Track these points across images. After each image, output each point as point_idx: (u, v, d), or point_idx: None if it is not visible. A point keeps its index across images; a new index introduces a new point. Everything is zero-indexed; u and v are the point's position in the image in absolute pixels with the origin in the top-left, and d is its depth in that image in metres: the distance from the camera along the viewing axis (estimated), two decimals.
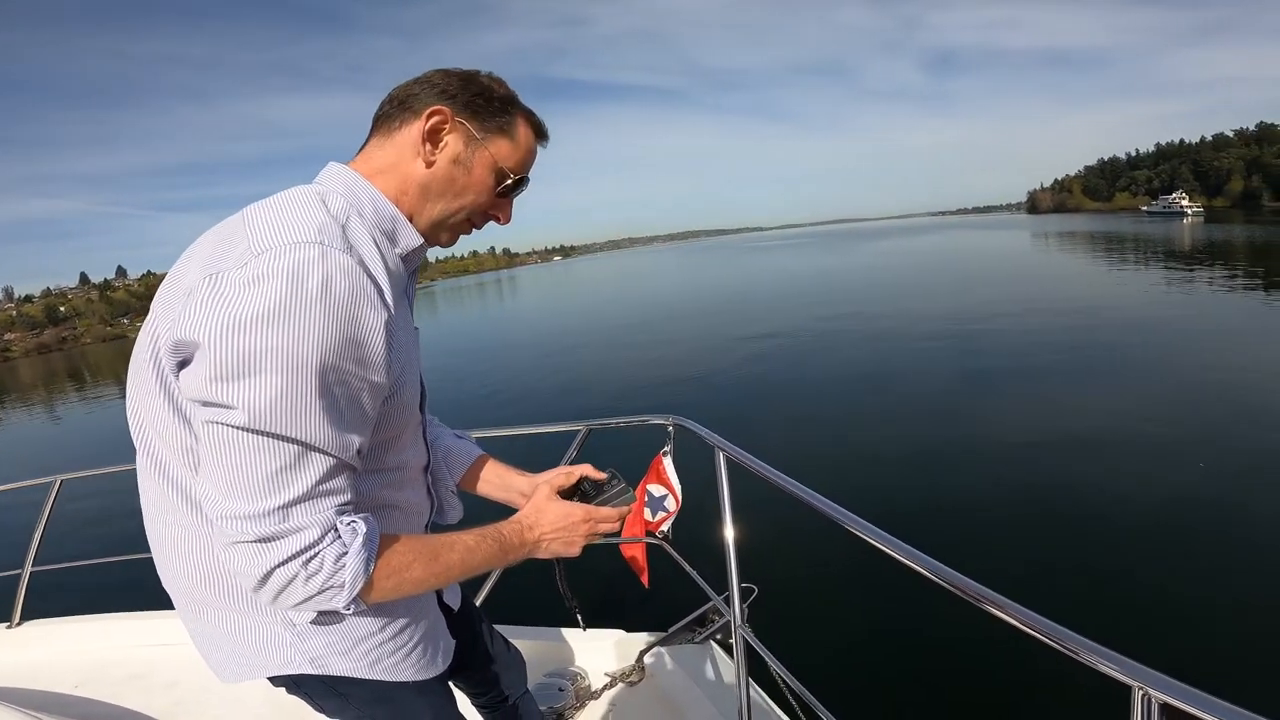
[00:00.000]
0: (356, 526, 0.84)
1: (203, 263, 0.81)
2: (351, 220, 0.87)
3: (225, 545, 0.80)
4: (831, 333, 17.44)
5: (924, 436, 8.42)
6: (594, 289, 56.65)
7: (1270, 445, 7.00)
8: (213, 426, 0.78)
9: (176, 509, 0.90)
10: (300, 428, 0.78)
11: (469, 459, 1.27)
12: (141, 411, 0.89)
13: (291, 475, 0.79)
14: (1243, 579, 4.70)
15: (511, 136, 0.97)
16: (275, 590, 0.81)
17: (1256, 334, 13.29)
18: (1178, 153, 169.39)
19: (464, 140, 0.94)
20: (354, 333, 0.79)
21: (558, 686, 2.06)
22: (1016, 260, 39.55)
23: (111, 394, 31.35)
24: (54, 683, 2.49)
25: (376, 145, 0.95)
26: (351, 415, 0.83)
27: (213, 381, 0.75)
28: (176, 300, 0.81)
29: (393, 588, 0.88)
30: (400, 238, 0.93)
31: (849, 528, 1.23)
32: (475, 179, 0.96)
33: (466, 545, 0.96)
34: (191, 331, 0.76)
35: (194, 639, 1.01)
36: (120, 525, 7.70)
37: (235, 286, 0.75)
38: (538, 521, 1.06)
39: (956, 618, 1.42)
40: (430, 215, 0.96)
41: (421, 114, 0.92)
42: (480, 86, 0.96)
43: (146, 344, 0.85)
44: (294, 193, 0.89)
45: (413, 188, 0.94)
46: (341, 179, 0.92)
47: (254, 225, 0.82)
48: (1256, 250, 33.78)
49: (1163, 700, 0.75)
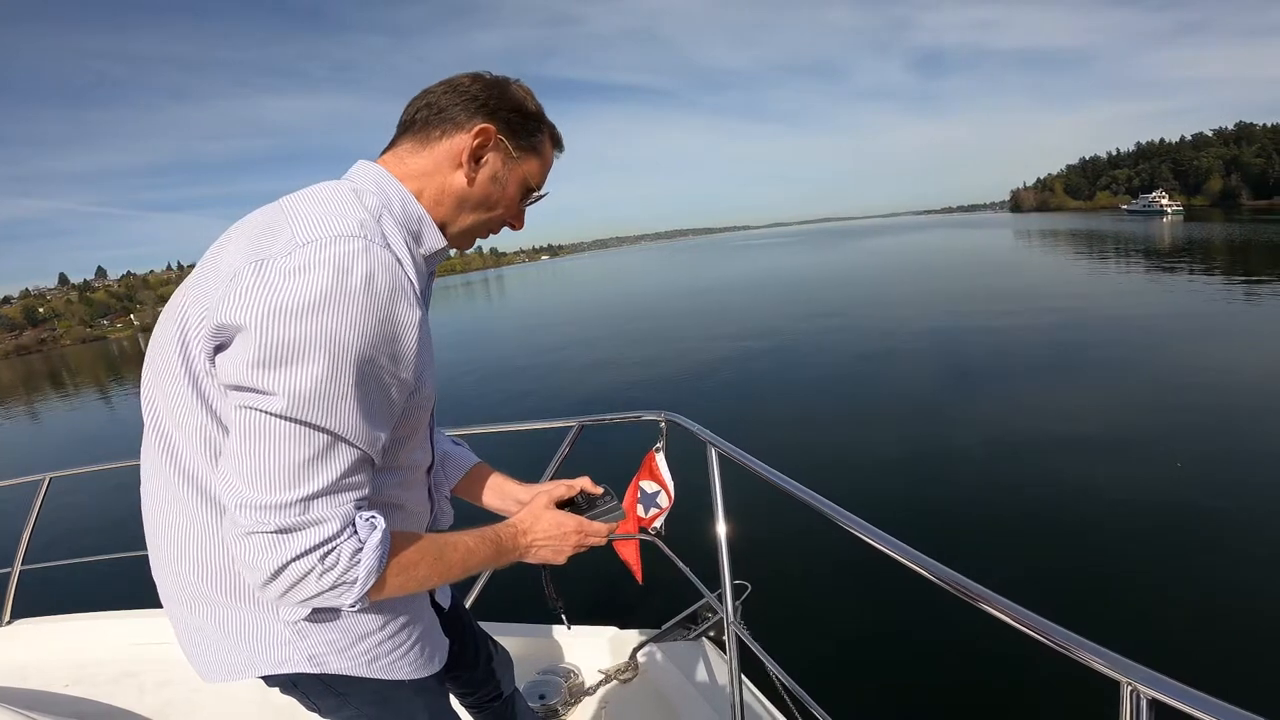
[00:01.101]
0: (375, 521, 0.85)
1: (245, 250, 0.81)
2: (384, 218, 0.88)
3: (240, 535, 0.78)
4: (822, 330, 17.52)
5: (915, 433, 8.48)
6: (583, 287, 56.62)
7: (1257, 442, 7.08)
8: (247, 412, 0.77)
9: (184, 497, 0.89)
10: (335, 418, 0.78)
11: (466, 465, 1.28)
12: (158, 396, 0.88)
13: (319, 466, 0.79)
14: (1229, 575, 4.74)
15: (541, 154, 1.01)
16: (288, 584, 0.79)
17: (1237, 332, 13.52)
18: (1158, 152, 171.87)
19: (502, 159, 0.97)
20: (391, 328, 0.81)
21: (551, 683, 2.06)
22: (1000, 259, 39.92)
23: (92, 396, 30.92)
24: (45, 682, 2.46)
25: (411, 150, 0.95)
26: (381, 409, 0.84)
27: (255, 367, 0.75)
28: (215, 285, 0.80)
29: (399, 585, 0.88)
30: (425, 238, 0.95)
31: (842, 524, 1.23)
32: (507, 194, 1.00)
33: (467, 546, 0.97)
34: (236, 316, 0.76)
35: (180, 636, 0.99)
36: (110, 523, 7.65)
37: (282, 274, 0.76)
38: (532, 527, 1.08)
39: (948, 614, 1.43)
40: (462, 225, 0.99)
41: (466, 129, 0.94)
42: (517, 101, 0.97)
43: (173, 328, 0.84)
44: (329, 187, 0.90)
45: (449, 199, 0.96)
46: (372, 177, 0.93)
47: (296, 216, 0.82)
48: (1235, 249, 34.32)
49: (1151, 696, 0.76)
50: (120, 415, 22.68)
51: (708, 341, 17.58)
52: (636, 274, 70.65)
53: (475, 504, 1.29)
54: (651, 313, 27.89)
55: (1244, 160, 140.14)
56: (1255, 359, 10.68)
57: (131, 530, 0.98)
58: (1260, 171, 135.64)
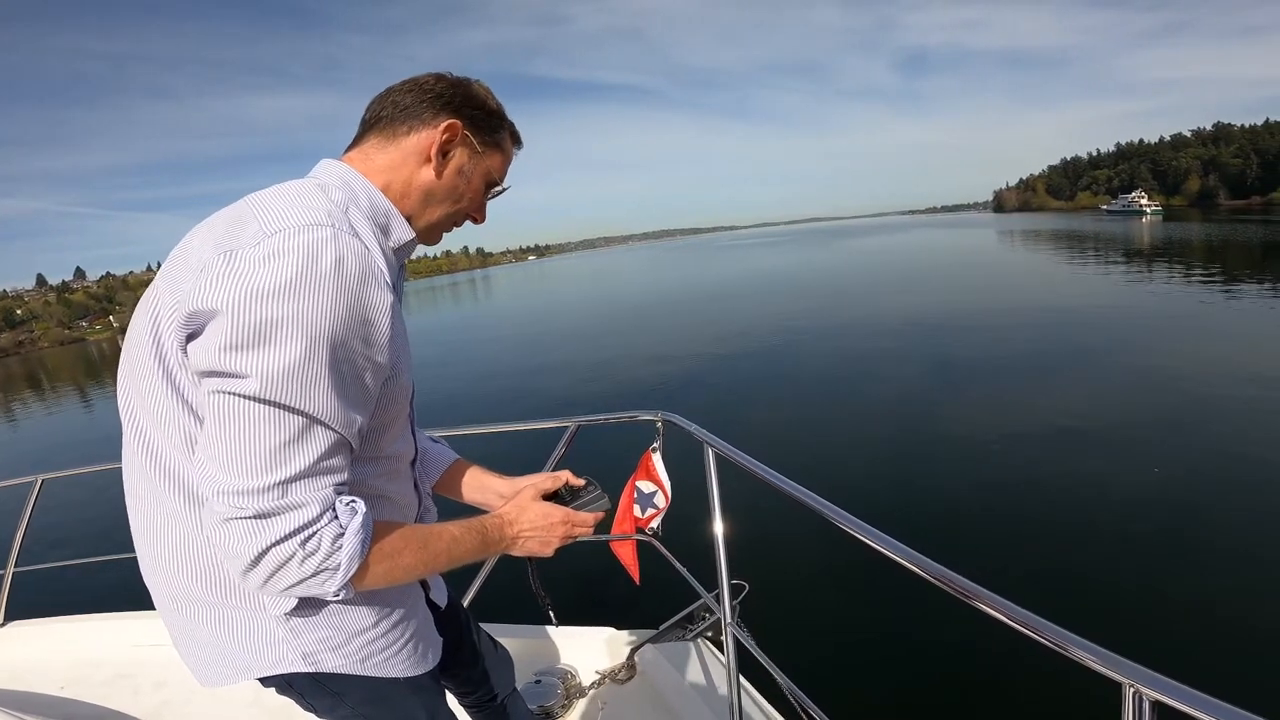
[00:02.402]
0: (355, 506, 0.85)
1: (213, 242, 0.82)
2: (350, 210, 0.90)
3: (218, 523, 0.78)
4: (822, 330, 17.59)
5: (911, 431, 8.49)
6: (572, 288, 56.47)
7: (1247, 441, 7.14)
8: (220, 397, 0.78)
9: (166, 496, 0.88)
10: (309, 400, 0.79)
11: (445, 462, 1.30)
12: (134, 395, 0.88)
13: (295, 449, 0.79)
14: (1227, 576, 4.76)
15: (503, 149, 1.06)
16: (269, 571, 0.79)
17: (1220, 332, 13.78)
18: (1137, 152, 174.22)
19: (468, 153, 1.01)
20: (363, 311, 0.82)
21: (548, 684, 2.06)
22: (986, 259, 40.34)
23: (71, 398, 30.43)
24: (39, 684, 2.45)
25: (377, 146, 0.98)
26: (355, 392, 0.85)
27: (226, 350, 0.76)
28: (184, 277, 0.81)
29: (384, 573, 0.88)
30: (393, 231, 0.97)
31: (839, 524, 1.24)
32: (472, 187, 1.04)
33: (453, 535, 0.98)
34: (207, 302, 0.77)
35: (175, 639, 0.98)
36: (103, 525, 7.53)
37: (252, 262, 0.77)
38: (518, 519, 1.10)
39: (947, 614, 1.44)
40: (430, 218, 1.02)
41: (433, 125, 0.97)
42: (479, 100, 1.01)
43: (145, 325, 0.85)
44: (294, 184, 0.91)
45: (416, 192, 0.99)
46: (337, 173, 0.95)
47: (263, 209, 0.84)
48: (1213, 249, 34.74)
49: (1154, 698, 0.76)
50: (100, 418, 22.36)
51: (705, 342, 17.57)
52: (626, 274, 70.61)
53: (456, 500, 1.30)
54: (645, 313, 27.90)
55: (1222, 161, 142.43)
56: (1240, 358, 10.83)
57: (124, 532, 0.97)
58: (1238, 172, 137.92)
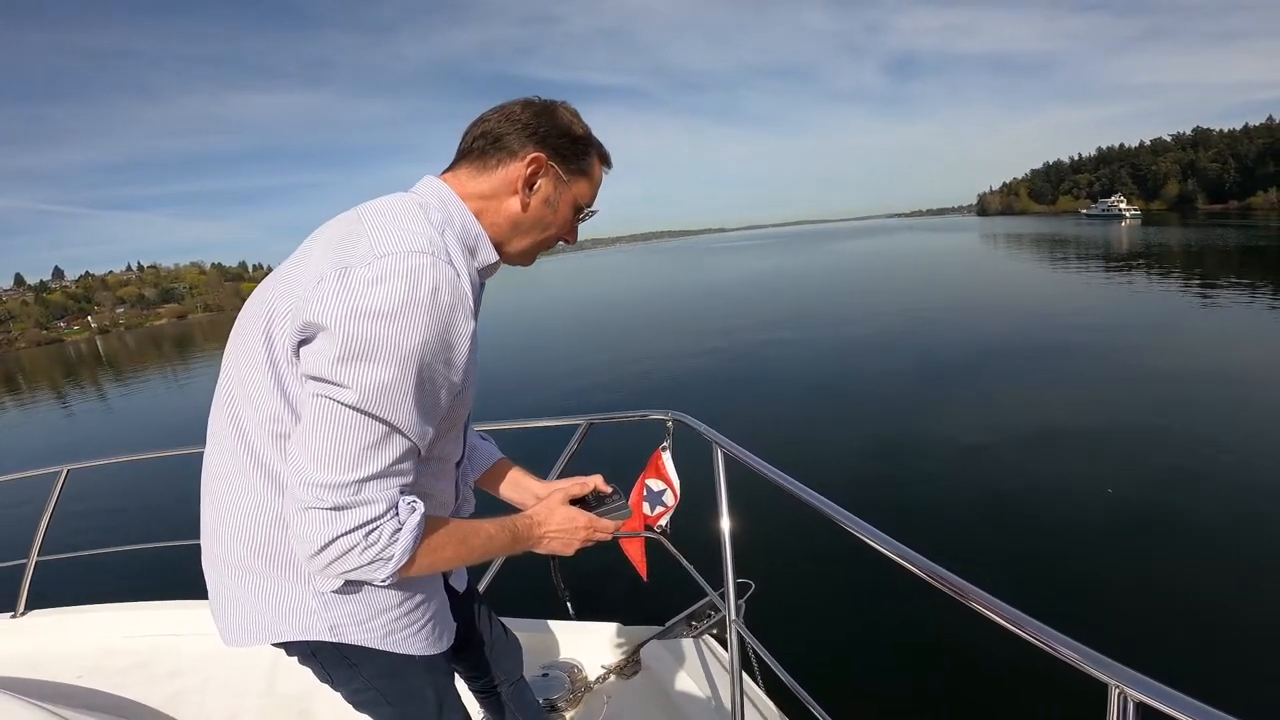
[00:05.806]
0: (415, 505, 0.94)
1: (329, 257, 0.91)
2: (446, 232, 0.97)
3: (299, 510, 0.87)
4: (824, 331, 17.62)
5: (921, 434, 8.44)
6: (567, 289, 56.22)
7: (1249, 440, 7.24)
8: (320, 400, 0.88)
9: (247, 472, 0.97)
10: (394, 412, 0.88)
11: (490, 460, 1.39)
12: (235, 376, 0.97)
13: (374, 454, 0.89)
14: (1219, 579, 4.82)
15: (590, 175, 1.10)
16: (333, 557, 0.88)
17: (1199, 332, 14.03)
18: (1118, 157, 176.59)
19: (554, 184, 1.06)
20: (449, 337, 0.91)
21: (555, 677, 2.09)
22: (976, 262, 40.74)
23: (47, 400, 29.91)
24: (57, 672, 2.48)
25: (470, 175, 1.04)
26: (431, 408, 0.94)
27: (335, 362, 0.86)
28: (303, 284, 0.91)
29: (427, 565, 0.97)
30: (480, 253, 1.04)
31: (845, 525, 1.26)
32: (560, 216, 1.09)
33: (488, 532, 1.08)
34: (320, 316, 0.86)
35: (214, 600, 1.06)
36: (126, 516, 7.42)
37: (362, 283, 0.86)
38: (546, 520, 1.18)
39: (949, 616, 1.47)
40: (519, 245, 1.09)
41: (519, 156, 1.02)
42: (564, 127, 1.05)
43: (259, 317, 0.94)
44: (399, 200, 1.00)
45: (504, 221, 1.05)
46: (437, 193, 1.02)
47: (374, 227, 0.92)
48: (1191, 254, 35.17)
49: (1139, 699, 0.77)
50: (81, 421, 21.99)
51: (703, 342, 17.59)
52: (618, 275, 70.46)
53: (495, 495, 1.38)
54: (638, 312, 27.84)
55: (1201, 165, 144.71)
56: (1217, 358, 11.02)
57: (146, 524, 1.01)
58: (1216, 176, 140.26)
